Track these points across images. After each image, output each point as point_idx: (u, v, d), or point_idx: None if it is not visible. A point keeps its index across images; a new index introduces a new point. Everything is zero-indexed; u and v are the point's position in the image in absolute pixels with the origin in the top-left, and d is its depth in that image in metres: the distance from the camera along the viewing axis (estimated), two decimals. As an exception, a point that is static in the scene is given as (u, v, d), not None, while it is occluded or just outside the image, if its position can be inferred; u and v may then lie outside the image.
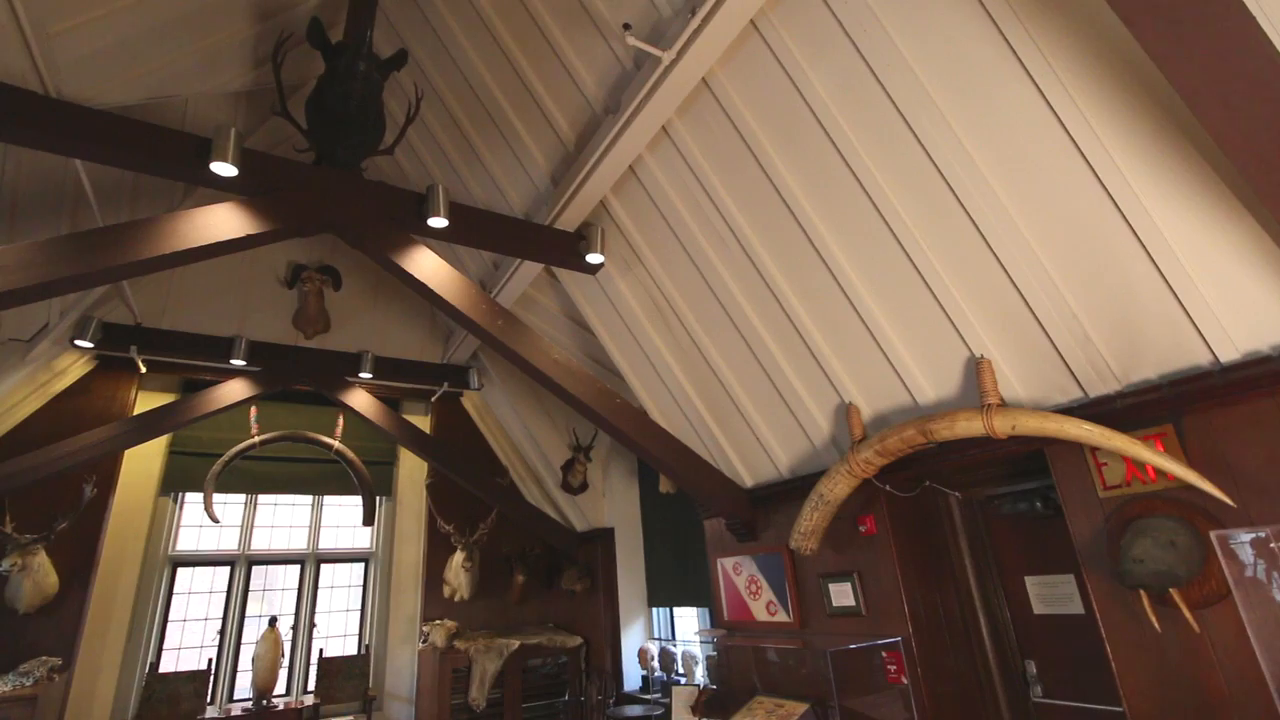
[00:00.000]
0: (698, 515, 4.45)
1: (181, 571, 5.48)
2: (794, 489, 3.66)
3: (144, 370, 5.15)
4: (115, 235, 2.71)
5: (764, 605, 3.80)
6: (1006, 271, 2.46)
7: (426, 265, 3.38)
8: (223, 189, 3.05)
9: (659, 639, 5.50)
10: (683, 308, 3.76)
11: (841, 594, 3.36)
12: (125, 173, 4.05)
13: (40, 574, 4.44)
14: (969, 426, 2.61)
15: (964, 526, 3.40)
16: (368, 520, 5.75)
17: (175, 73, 3.48)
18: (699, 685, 4.30)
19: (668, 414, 4.21)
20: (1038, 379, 2.59)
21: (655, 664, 5.01)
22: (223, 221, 2.92)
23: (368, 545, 6.25)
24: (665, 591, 5.45)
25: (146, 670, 4.97)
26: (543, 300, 4.83)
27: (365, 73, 3.18)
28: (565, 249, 3.82)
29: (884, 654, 3.08)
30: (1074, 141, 2.14)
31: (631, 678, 5.37)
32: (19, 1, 2.40)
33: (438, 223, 3.41)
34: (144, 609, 5.16)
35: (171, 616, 5.31)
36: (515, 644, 5.39)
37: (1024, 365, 2.61)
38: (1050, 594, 3.01)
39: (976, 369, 2.68)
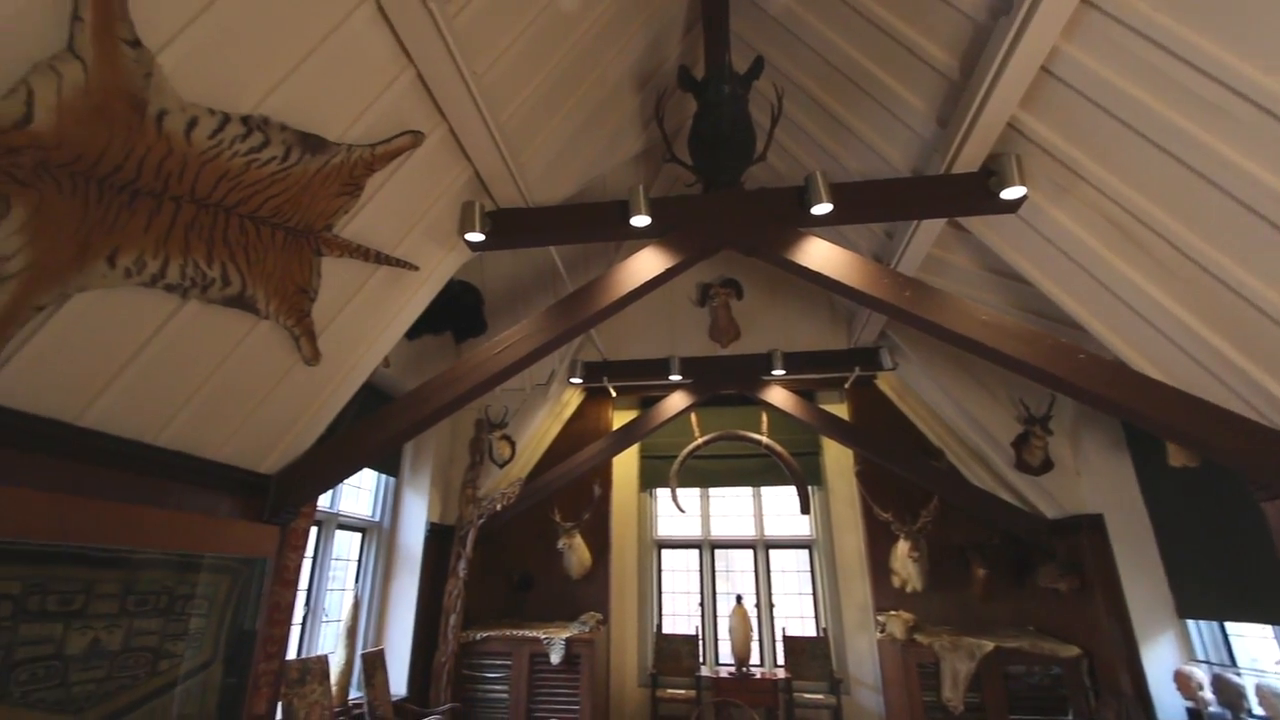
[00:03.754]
0: (1247, 494, 3.18)
1: (665, 552, 6.73)
2: None
3: (614, 394, 6.60)
4: (583, 295, 3.48)
5: None
6: None
7: (818, 254, 3.34)
8: (641, 237, 3.62)
9: (1206, 662, 4.11)
10: (1160, 217, 2.77)
11: None
12: (579, 245, 5.24)
13: (579, 551, 6.07)
14: None
15: None
16: (804, 509, 6.03)
17: (593, 158, 4.32)
18: (1299, 736, 3.02)
19: (1161, 360, 3.15)
20: None
21: (1208, 695, 3.75)
22: (647, 264, 3.45)
23: (808, 533, 6.53)
24: (1205, 599, 4.03)
25: (655, 631, 6.22)
26: (952, 259, 4.24)
27: (730, 93, 3.35)
28: (971, 193, 3.26)
29: None
30: None
31: (1166, 707, 4.13)
32: (505, 147, 3.31)
33: (822, 209, 3.33)
34: (646, 581, 6.53)
35: (665, 589, 6.55)
36: (989, 646, 4.79)
37: None
38: None
39: None
